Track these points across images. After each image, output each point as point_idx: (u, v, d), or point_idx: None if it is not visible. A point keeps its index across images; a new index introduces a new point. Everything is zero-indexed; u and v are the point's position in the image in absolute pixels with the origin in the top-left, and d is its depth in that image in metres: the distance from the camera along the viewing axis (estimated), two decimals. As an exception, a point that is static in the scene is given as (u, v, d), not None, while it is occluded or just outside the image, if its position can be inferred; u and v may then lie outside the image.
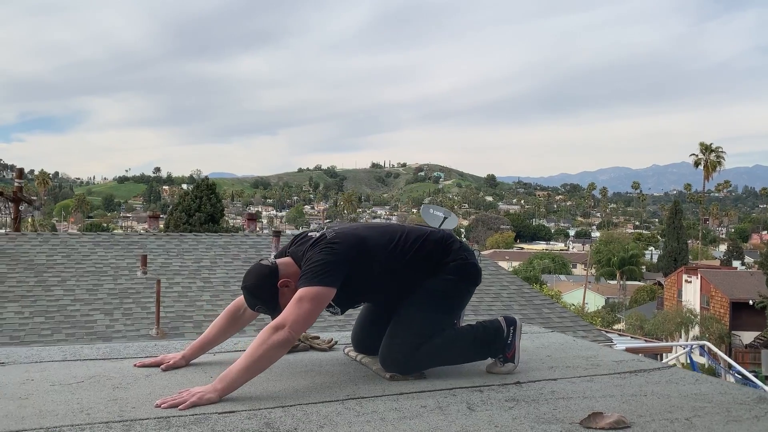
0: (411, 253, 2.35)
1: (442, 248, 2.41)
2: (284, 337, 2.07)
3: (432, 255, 2.39)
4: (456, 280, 2.40)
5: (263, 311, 2.29)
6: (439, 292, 2.37)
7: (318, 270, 2.14)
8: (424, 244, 2.39)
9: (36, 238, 10.19)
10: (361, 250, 2.25)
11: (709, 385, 2.35)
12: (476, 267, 2.48)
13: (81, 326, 7.35)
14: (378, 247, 2.31)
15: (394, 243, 2.34)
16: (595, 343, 3.15)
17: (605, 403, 2.09)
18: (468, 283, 2.46)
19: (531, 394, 2.18)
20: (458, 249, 2.44)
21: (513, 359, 2.43)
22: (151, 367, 2.37)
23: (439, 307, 2.38)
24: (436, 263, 2.39)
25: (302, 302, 2.10)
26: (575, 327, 8.98)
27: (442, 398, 2.10)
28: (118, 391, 2.08)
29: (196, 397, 1.95)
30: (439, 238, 2.44)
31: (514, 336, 2.45)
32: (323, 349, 2.72)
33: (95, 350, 2.61)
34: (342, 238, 2.24)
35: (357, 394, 2.11)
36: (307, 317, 2.11)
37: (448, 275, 2.39)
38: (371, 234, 2.34)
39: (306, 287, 2.12)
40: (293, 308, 2.10)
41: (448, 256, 2.40)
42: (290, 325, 2.07)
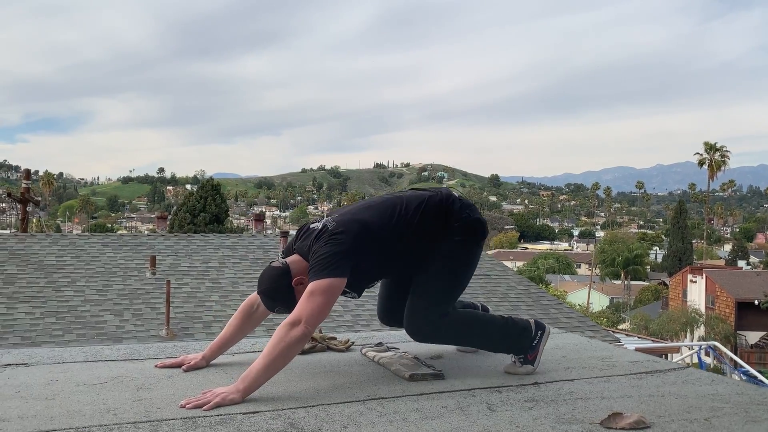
0: (415, 223, 2.34)
1: (445, 211, 2.39)
2: (301, 332, 2.09)
3: (436, 219, 2.37)
4: (464, 240, 2.40)
5: (283, 311, 2.31)
6: (452, 256, 2.38)
7: (326, 262, 2.15)
8: (426, 211, 2.37)
9: (45, 239, 10.26)
10: (366, 236, 2.24)
11: (725, 385, 2.37)
12: (480, 222, 2.46)
13: (92, 327, 7.40)
14: (381, 227, 2.29)
15: (395, 218, 2.32)
16: (609, 344, 3.16)
17: (623, 404, 2.11)
18: (476, 239, 2.45)
19: (549, 394, 2.20)
20: (460, 208, 2.42)
21: (533, 362, 2.44)
22: (172, 368, 2.39)
23: (454, 270, 2.40)
24: (442, 226, 2.38)
25: (314, 296, 2.12)
26: (583, 327, 8.99)
27: (462, 399, 2.12)
28: (142, 391, 2.10)
29: (219, 397, 1.97)
30: (438, 201, 2.40)
31: (540, 340, 2.46)
32: (340, 350, 2.74)
33: (116, 351, 2.64)
34: (345, 227, 2.23)
35: (378, 394, 2.14)
36: (321, 310, 2.13)
37: (455, 236, 2.38)
38: (372, 215, 2.32)
39: (316, 280, 2.13)
40: (306, 303, 2.12)
41: (452, 217, 2.39)
42: (306, 320, 2.09)
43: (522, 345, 2.44)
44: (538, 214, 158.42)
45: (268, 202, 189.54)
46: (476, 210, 2.49)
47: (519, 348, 2.45)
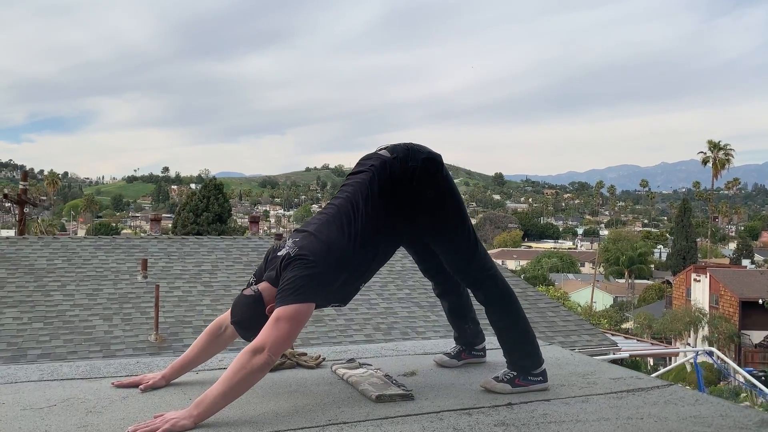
0: (372, 214, 2.18)
1: (392, 182, 2.21)
2: (264, 360, 1.98)
3: (390, 196, 2.21)
4: (432, 187, 2.24)
5: None
6: (438, 206, 2.26)
7: (292, 287, 2.04)
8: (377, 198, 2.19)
9: (37, 242, 10.16)
10: (332, 256, 2.11)
11: (709, 406, 2.25)
12: (429, 160, 2.25)
13: (80, 332, 7.31)
14: (344, 241, 2.14)
15: (353, 223, 2.16)
16: (593, 359, 3.04)
17: (599, 428, 2.00)
18: (438, 176, 2.26)
19: (522, 417, 2.09)
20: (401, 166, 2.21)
21: (514, 387, 2.34)
22: (129, 387, 2.29)
23: (449, 215, 2.30)
24: (403, 196, 2.22)
25: (280, 322, 2.01)
26: (580, 331, 8.86)
27: (428, 422, 2.01)
28: (91, 415, 2.00)
29: (169, 423, 1.87)
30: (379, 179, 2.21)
31: (536, 384, 2.36)
32: (310, 367, 2.63)
33: (74, 368, 2.53)
34: (309, 250, 2.10)
35: (339, 418, 2.03)
36: (285, 338, 2.02)
37: (423, 192, 2.22)
38: (329, 232, 2.15)
39: (282, 306, 2.03)
40: (271, 329, 2.01)
41: (405, 180, 2.21)
42: (269, 348, 1.99)
43: (525, 362, 2.36)
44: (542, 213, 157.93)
45: (272, 201, 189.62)
46: (417, 151, 2.26)
47: (520, 363, 2.36)
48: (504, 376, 2.36)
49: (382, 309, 8.99)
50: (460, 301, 2.68)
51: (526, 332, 2.42)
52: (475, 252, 2.36)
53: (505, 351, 2.44)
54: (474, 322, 2.72)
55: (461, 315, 2.70)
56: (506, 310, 2.41)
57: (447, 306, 2.71)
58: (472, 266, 2.37)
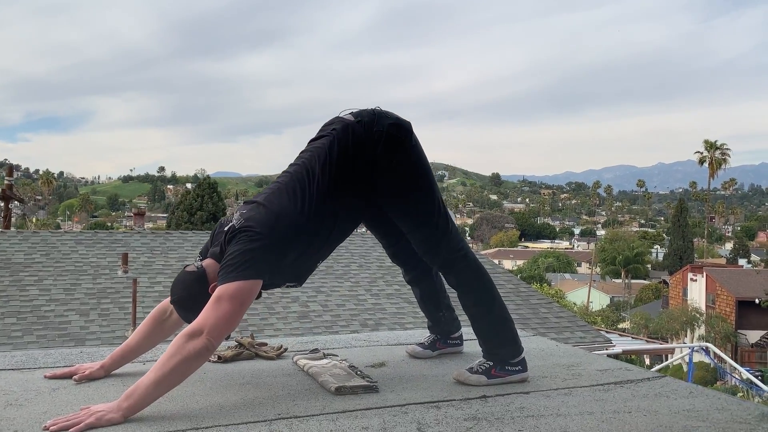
0: (329, 182, 1.97)
1: (355, 147, 2.00)
2: (202, 345, 1.75)
3: (352, 164, 2.00)
4: (398, 155, 2.03)
5: None
6: (402, 178, 2.04)
7: (235, 263, 1.81)
8: (335, 165, 1.98)
9: (16, 236, 9.90)
10: (282, 229, 1.88)
11: (704, 399, 2.04)
12: (396, 126, 2.04)
13: (54, 327, 7.07)
14: (296, 211, 1.92)
15: (308, 192, 1.94)
16: (580, 349, 2.83)
17: (581, 422, 1.79)
18: (405, 144, 2.06)
19: (496, 410, 1.87)
20: (366, 131, 2.01)
21: (490, 378, 2.12)
22: (62, 378, 2.07)
23: (416, 188, 2.08)
24: (365, 163, 2.00)
25: (221, 302, 1.78)
26: (573, 327, 8.64)
27: (390, 417, 1.79)
28: (9, 409, 1.78)
29: (94, 417, 1.65)
30: (339, 144, 2.00)
31: (515, 374, 2.15)
32: (270, 358, 2.41)
33: (9, 359, 2.31)
34: (255, 222, 1.88)
35: (290, 412, 1.81)
36: (228, 319, 1.79)
37: (387, 160, 2.01)
38: (282, 201, 1.94)
39: (224, 284, 1.80)
40: (211, 310, 1.78)
41: (368, 146, 2.00)
42: (208, 331, 1.76)
43: (502, 351, 2.15)
44: (539, 213, 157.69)
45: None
46: (383, 116, 2.06)
47: (496, 351, 2.15)
48: (479, 366, 2.15)
49: (370, 305, 8.76)
50: (433, 288, 2.46)
51: (503, 318, 2.20)
52: (444, 230, 2.13)
53: (480, 339, 2.22)
54: (449, 309, 2.51)
55: (435, 302, 2.49)
56: (480, 293, 2.19)
57: (419, 293, 2.49)
58: (442, 245, 2.14)
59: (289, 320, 7.63)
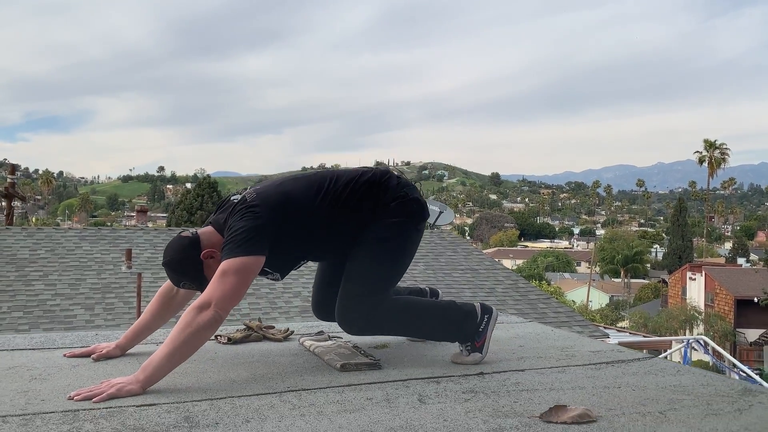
0: (344, 199, 2.11)
1: (378, 187, 2.16)
2: (211, 316, 1.87)
3: (368, 196, 2.14)
4: (401, 222, 2.17)
5: (189, 287, 2.10)
6: (386, 239, 2.15)
7: (240, 238, 1.93)
8: (356, 187, 2.14)
9: (21, 232, 10.03)
10: (287, 208, 2.02)
11: (691, 376, 2.15)
12: (419, 202, 2.23)
13: (60, 321, 7.19)
14: (305, 199, 2.07)
15: (323, 191, 2.10)
16: (574, 334, 2.94)
17: (573, 396, 1.89)
18: (415, 222, 2.22)
19: (492, 385, 1.98)
20: (396, 186, 2.19)
21: (481, 349, 2.22)
22: (82, 357, 2.18)
23: (390, 255, 2.16)
24: (375, 205, 2.15)
25: (226, 276, 1.89)
26: (571, 322, 8.76)
27: (393, 390, 1.90)
28: (34, 382, 1.89)
29: (115, 388, 1.76)
30: (371, 176, 2.18)
31: (488, 325, 2.24)
32: (277, 340, 2.53)
33: (28, 340, 2.42)
34: (263, 199, 2.01)
35: (299, 386, 1.92)
36: (234, 292, 1.90)
37: (391, 218, 2.15)
38: (296, 186, 2.10)
39: (229, 259, 1.91)
40: (217, 284, 1.89)
41: (386, 194, 2.16)
42: (216, 303, 1.87)
43: (467, 331, 2.22)
44: (539, 213, 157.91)
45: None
46: (416, 190, 2.26)
47: (464, 335, 2.22)
48: (465, 349, 2.24)
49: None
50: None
51: (444, 319, 2.23)
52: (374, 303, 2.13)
53: (447, 341, 2.32)
54: (434, 294, 2.63)
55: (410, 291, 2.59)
56: (413, 326, 2.25)
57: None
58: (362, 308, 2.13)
59: (291, 314, 7.74)
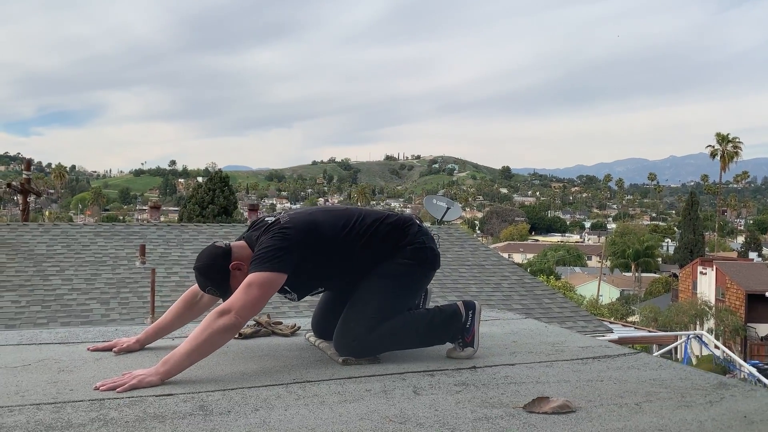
0: (367, 237, 2.31)
1: (399, 231, 2.37)
2: (230, 322, 2.04)
3: (388, 238, 2.34)
4: (412, 264, 2.36)
5: (214, 293, 2.26)
6: (395, 276, 2.33)
7: (268, 255, 2.11)
8: (379, 228, 2.34)
9: (37, 228, 10.29)
10: (314, 235, 2.21)
11: (671, 370, 2.29)
12: (434, 251, 2.43)
13: (77, 315, 7.41)
14: (332, 230, 2.27)
15: (349, 227, 2.30)
16: (566, 330, 3.08)
17: (557, 388, 2.04)
18: (425, 268, 2.42)
19: (483, 378, 2.14)
20: (416, 233, 2.39)
21: (472, 344, 2.38)
22: (104, 351, 2.36)
23: (394, 291, 2.33)
24: (393, 247, 2.34)
25: (251, 288, 2.07)
26: (575, 317, 8.89)
27: (390, 382, 2.06)
28: (62, 374, 2.06)
29: (136, 379, 1.93)
30: (395, 220, 2.39)
31: (473, 320, 2.40)
32: (285, 335, 2.69)
33: (53, 335, 2.60)
34: (295, 223, 2.20)
35: (304, 378, 2.08)
36: (254, 303, 2.08)
37: (404, 259, 2.34)
38: (326, 218, 2.30)
39: (255, 272, 2.09)
40: (241, 294, 2.07)
41: (405, 239, 2.36)
42: (237, 311, 2.05)
43: (454, 332, 2.39)
44: (550, 206, 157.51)
45: (278, 194, 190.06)
46: (433, 240, 2.45)
47: (452, 335, 2.39)
48: (458, 345, 2.40)
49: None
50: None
51: (431, 327, 2.38)
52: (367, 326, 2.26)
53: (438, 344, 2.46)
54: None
55: None
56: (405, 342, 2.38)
57: None
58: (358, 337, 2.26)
59: (300, 308, 7.93)
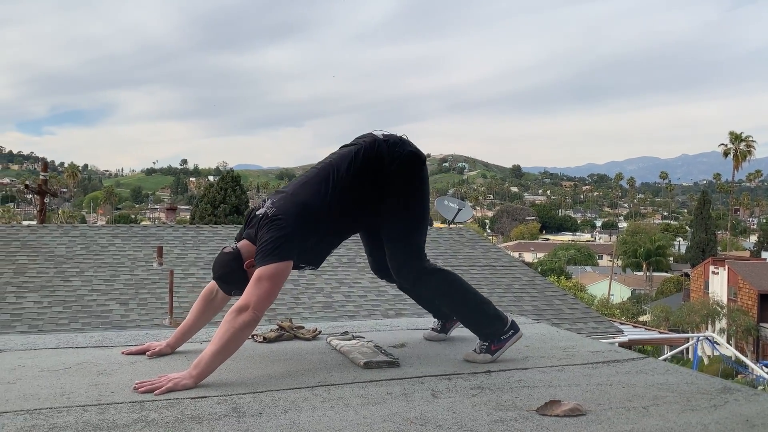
0: (351, 184, 2.35)
1: (375, 160, 2.39)
2: (249, 317, 2.16)
3: (370, 171, 2.38)
4: (406, 178, 2.41)
5: (239, 294, 2.39)
6: (402, 194, 2.41)
7: (270, 247, 2.21)
8: (357, 169, 2.37)
9: (57, 230, 10.49)
10: (306, 215, 2.28)
11: (678, 375, 2.39)
12: (414, 154, 2.44)
13: (97, 316, 7.59)
14: (318, 200, 2.32)
15: (331, 187, 2.34)
16: (576, 334, 3.19)
17: (568, 392, 2.15)
18: (416, 171, 2.45)
19: (497, 382, 2.25)
20: (389, 150, 2.40)
21: (493, 354, 2.49)
22: (137, 354, 2.49)
23: (409, 209, 2.44)
24: (379, 174, 2.38)
25: (261, 281, 2.19)
26: (586, 318, 8.97)
27: (410, 386, 2.18)
28: (102, 377, 2.19)
29: (172, 382, 2.05)
30: (365, 153, 2.39)
31: (510, 338, 2.51)
32: (307, 339, 2.82)
33: (88, 338, 2.74)
34: (283, 211, 2.27)
35: (328, 381, 2.20)
36: (267, 295, 2.20)
37: (397, 179, 2.39)
38: (307, 192, 2.34)
39: (262, 266, 2.20)
40: (253, 288, 2.19)
41: (384, 162, 2.38)
42: (253, 306, 2.17)
43: (491, 330, 2.49)
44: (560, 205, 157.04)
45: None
46: (406, 143, 2.47)
47: (487, 331, 2.49)
48: (480, 347, 2.51)
49: (391, 296, 9.17)
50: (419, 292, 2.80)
51: (481, 304, 2.52)
52: (417, 253, 2.46)
53: (470, 328, 2.58)
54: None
55: (429, 300, 2.84)
56: (452, 296, 2.52)
57: (414, 296, 2.84)
58: (409, 264, 2.46)
59: (314, 309, 8.07)
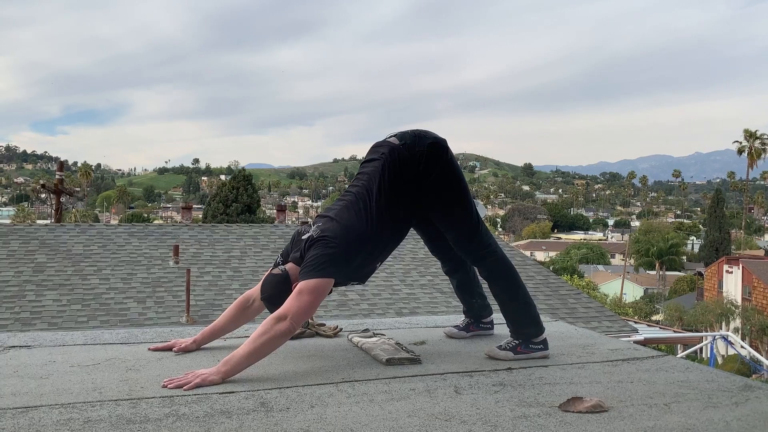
0: (385, 201, 2.39)
1: (400, 166, 2.42)
2: (286, 327, 2.21)
3: (398, 182, 2.41)
4: (438, 170, 2.44)
5: None
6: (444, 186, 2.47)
7: (315, 263, 2.27)
8: (387, 184, 2.40)
9: (74, 229, 10.62)
10: (351, 238, 2.33)
11: (698, 372, 2.41)
12: (435, 145, 2.46)
13: (115, 313, 7.68)
14: (363, 224, 2.36)
15: (367, 211, 2.37)
16: (596, 333, 3.21)
17: (590, 389, 2.17)
18: (443, 159, 2.47)
19: (519, 379, 2.27)
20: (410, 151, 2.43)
21: (516, 354, 2.52)
22: (164, 351, 2.53)
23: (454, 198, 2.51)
24: (410, 180, 2.42)
25: (302, 294, 2.24)
26: (600, 317, 8.97)
27: (432, 382, 2.21)
28: (131, 372, 2.24)
29: (200, 378, 2.10)
30: (390, 167, 2.42)
31: (538, 351, 2.55)
32: (328, 336, 2.85)
33: (114, 335, 2.79)
34: (331, 232, 2.33)
35: (352, 377, 2.24)
36: (307, 308, 2.25)
37: (429, 175, 2.43)
38: (351, 216, 2.37)
39: (305, 280, 2.26)
40: (294, 300, 2.24)
41: (410, 167, 2.42)
42: (292, 316, 2.21)
43: (527, 330, 2.55)
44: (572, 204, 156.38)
45: (300, 192, 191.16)
46: (421, 137, 2.48)
47: (522, 331, 2.55)
48: (507, 344, 2.55)
49: (405, 294, 9.21)
50: (467, 278, 2.88)
51: (527, 303, 2.61)
52: (476, 230, 2.57)
53: (508, 321, 2.63)
54: (481, 297, 2.92)
55: (469, 290, 2.90)
56: (507, 283, 2.61)
57: (455, 282, 2.92)
58: (474, 243, 2.58)
59: (329, 308, 8.12)
